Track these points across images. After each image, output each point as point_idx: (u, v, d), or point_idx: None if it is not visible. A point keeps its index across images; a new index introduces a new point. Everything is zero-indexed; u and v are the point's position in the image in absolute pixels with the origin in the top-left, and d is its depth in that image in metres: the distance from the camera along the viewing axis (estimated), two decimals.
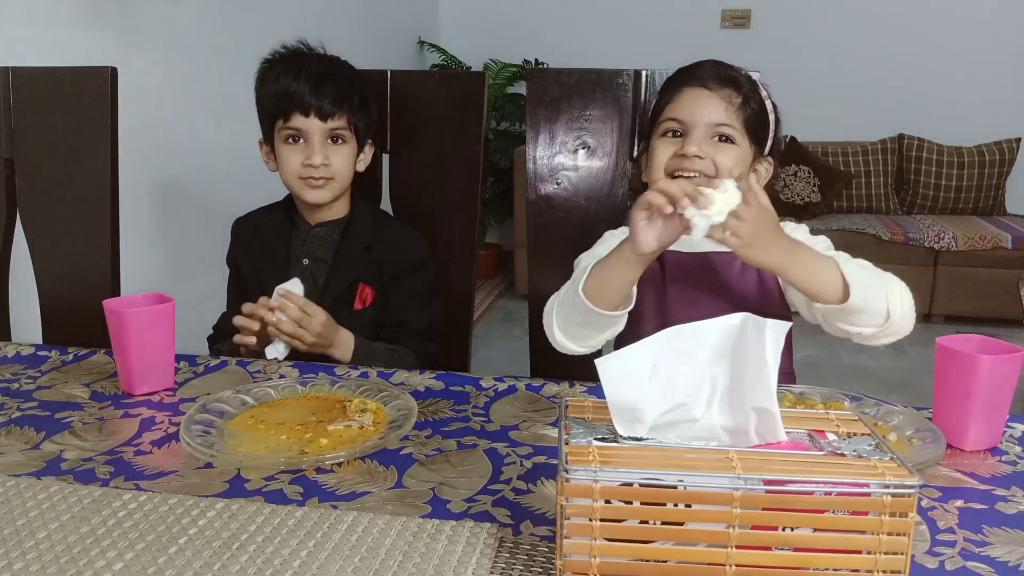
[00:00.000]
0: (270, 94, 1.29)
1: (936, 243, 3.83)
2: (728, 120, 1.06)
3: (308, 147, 1.27)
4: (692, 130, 1.07)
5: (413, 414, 0.87)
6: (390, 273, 1.32)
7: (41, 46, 1.81)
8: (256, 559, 0.62)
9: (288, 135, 1.28)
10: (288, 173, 1.29)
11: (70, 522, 0.67)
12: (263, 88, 1.30)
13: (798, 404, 0.91)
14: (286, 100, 1.26)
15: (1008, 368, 0.83)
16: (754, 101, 1.08)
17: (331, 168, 1.28)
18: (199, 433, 0.83)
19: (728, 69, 1.10)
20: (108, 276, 1.37)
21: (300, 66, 1.28)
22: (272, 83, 1.28)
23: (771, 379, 0.58)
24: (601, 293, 0.96)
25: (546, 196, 1.37)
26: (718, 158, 1.05)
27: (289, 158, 1.28)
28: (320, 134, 1.27)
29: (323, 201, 1.31)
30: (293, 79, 1.26)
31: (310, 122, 1.26)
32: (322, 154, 1.27)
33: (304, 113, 1.26)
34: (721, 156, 1.06)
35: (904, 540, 0.52)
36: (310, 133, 1.27)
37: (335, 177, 1.29)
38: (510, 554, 0.64)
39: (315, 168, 1.26)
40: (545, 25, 4.61)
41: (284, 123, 1.27)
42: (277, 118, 1.28)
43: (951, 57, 4.27)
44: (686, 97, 1.09)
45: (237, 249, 1.39)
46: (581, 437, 0.59)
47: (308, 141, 1.27)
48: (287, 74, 1.27)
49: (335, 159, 1.28)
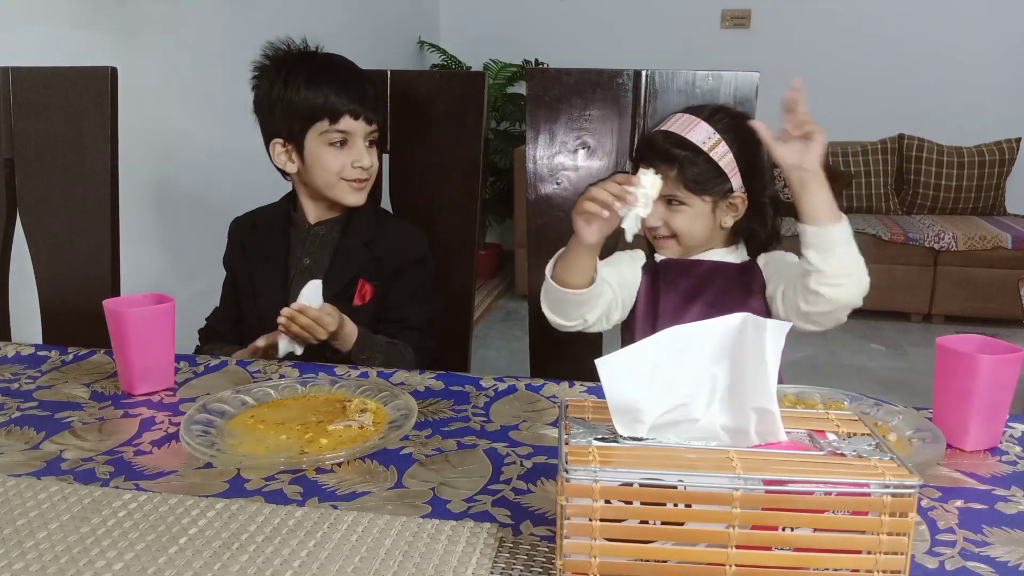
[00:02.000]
0: (306, 96, 1.26)
1: (936, 243, 3.83)
2: (669, 191, 1.14)
3: (354, 149, 1.28)
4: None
5: (413, 414, 0.87)
6: (390, 269, 1.32)
7: (41, 46, 1.81)
8: (256, 559, 0.62)
9: (334, 138, 1.28)
10: (331, 174, 1.28)
11: (70, 522, 0.67)
12: (292, 90, 1.27)
13: (798, 404, 0.91)
14: (335, 103, 1.26)
15: (1008, 368, 0.83)
16: (697, 163, 1.14)
17: (372, 169, 1.31)
18: (199, 433, 0.83)
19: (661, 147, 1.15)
20: (108, 276, 1.37)
21: (335, 68, 1.29)
22: (306, 87, 1.26)
23: (771, 379, 0.58)
24: (566, 277, 1.09)
25: (546, 196, 1.37)
26: (673, 222, 1.17)
27: (333, 160, 1.28)
28: (363, 136, 1.29)
29: (362, 203, 1.33)
30: (339, 84, 1.26)
31: (358, 125, 1.28)
32: (369, 156, 1.30)
33: (354, 116, 1.27)
34: (676, 220, 1.17)
35: (904, 540, 0.52)
36: (356, 136, 1.28)
37: (372, 178, 1.32)
38: (510, 554, 0.64)
39: (365, 170, 1.29)
40: (545, 25, 4.61)
41: (331, 125, 1.27)
42: (318, 120, 1.27)
43: (951, 57, 4.27)
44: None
45: (232, 249, 1.39)
46: (581, 437, 0.59)
47: (352, 144, 1.28)
48: (325, 78, 1.26)
49: (374, 161, 1.32)
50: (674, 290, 1.19)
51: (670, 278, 1.20)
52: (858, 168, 4.25)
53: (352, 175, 1.28)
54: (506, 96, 4.42)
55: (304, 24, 1.70)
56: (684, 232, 1.17)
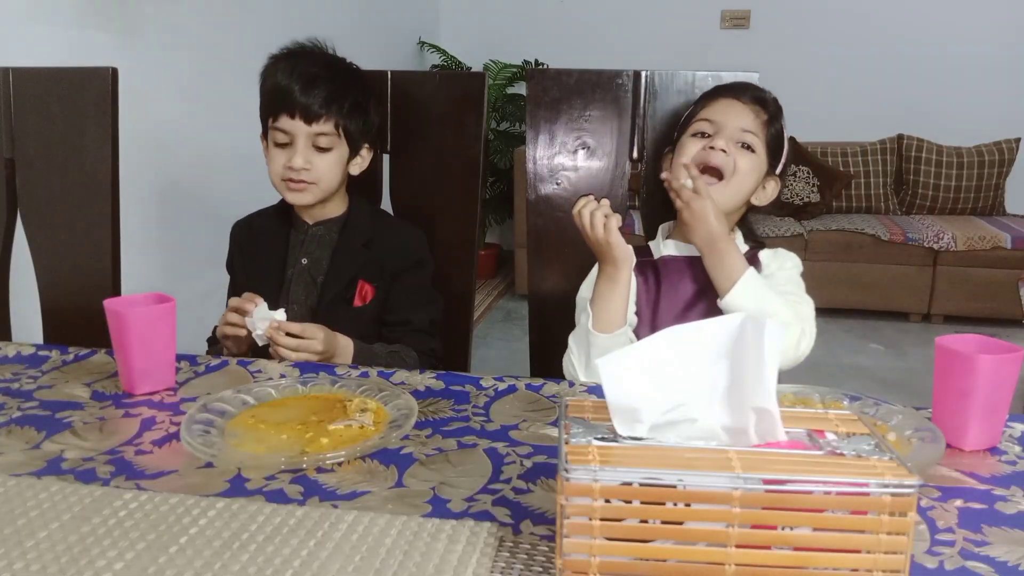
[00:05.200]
0: (265, 91, 1.27)
1: (935, 243, 3.83)
2: (754, 129, 1.17)
3: (291, 149, 1.25)
4: (722, 130, 1.18)
5: (413, 414, 0.87)
6: (390, 271, 1.31)
7: (41, 46, 1.81)
8: (256, 559, 0.62)
9: (278, 138, 1.26)
10: (272, 174, 1.28)
11: (70, 522, 0.67)
12: (262, 83, 1.29)
13: (797, 404, 0.91)
14: (275, 99, 1.24)
15: (1007, 368, 0.83)
16: (778, 123, 1.20)
17: (313, 172, 1.25)
18: (200, 433, 0.83)
19: (761, 92, 1.22)
20: (108, 276, 1.37)
21: (295, 65, 1.25)
22: (268, 79, 1.27)
23: (771, 379, 0.58)
24: (609, 319, 1.10)
25: (546, 196, 1.37)
26: (739, 161, 1.16)
27: (274, 159, 1.27)
28: (305, 137, 1.24)
29: (304, 203, 1.29)
30: (285, 77, 1.24)
31: (295, 124, 1.24)
32: (304, 157, 1.24)
33: (290, 114, 1.23)
34: (742, 160, 1.17)
35: (904, 540, 0.52)
36: (295, 135, 1.24)
37: (318, 182, 1.26)
38: (510, 554, 0.64)
39: (295, 171, 1.24)
40: (545, 25, 4.62)
41: (273, 122, 1.26)
42: (268, 117, 1.27)
43: (951, 57, 4.28)
44: (720, 104, 1.20)
45: (233, 252, 1.39)
46: (581, 437, 0.59)
47: (293, 143, 1.25)
48: (282, 72, 1.25)
49: (318, 163, 1.25)
50: (675, 292, 1.19)
51: (672, 279, 1.19)
52: (857, 168, 4.25)
53: (286, 175, 1.25)
54: (506, 96, 4.43)
55: (305, 25, 1.71)
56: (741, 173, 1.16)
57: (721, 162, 1.15)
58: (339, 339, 1.20)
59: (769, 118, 1.18)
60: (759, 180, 1.19)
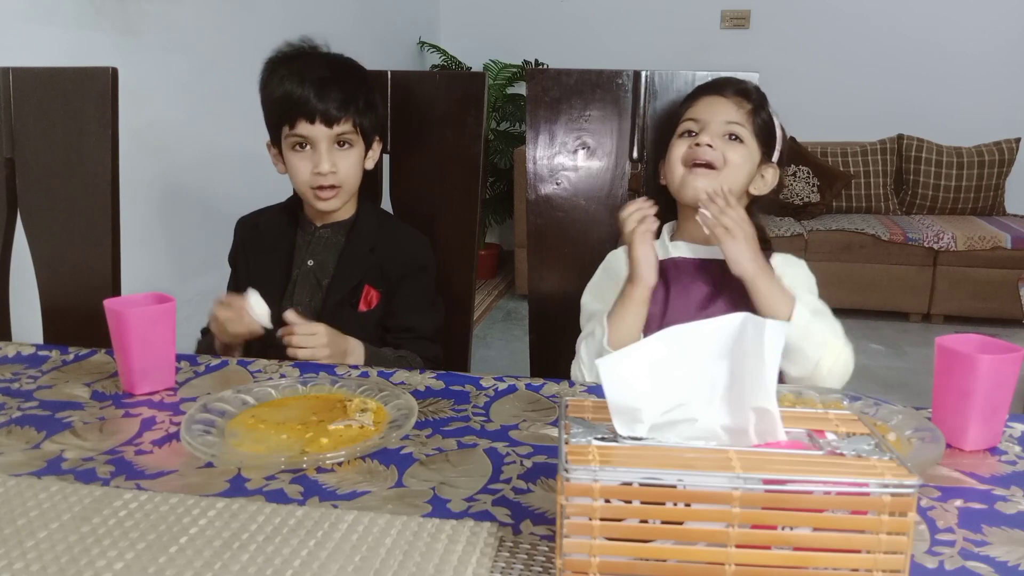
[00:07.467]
0: (275, 99, 1.26)
1: (935, 243, 3.83)
2: (739, 120, 1.17)
3: (315, 154, 1.25)
4: (707, 126, 1.18)
5: (413, 414, 0.87)
6: (395, 277, 1.31)
7: (41, 46, 1.81)
8: (256, 559, 0.62)
9: (295, 142, 1.26)
10: (300, 183, 1.28)
11: (70, 522, 0.67)
12: (267, 91, 1.28)
13: (797, 404, 0.91)
14: (291, 106, 1.24)
15: (1007, 368, 0.83)
16: (764, 112, 1.20)
17: (339, 175, 1.26)
18: (200, 433, 0.83)
19: (742, 83, 1.22)
20: (108, 276, 1.37)
21: (304, 70, 1.25)
22: (276, 87, 1.26)
23: (771, 379, 0.58)
24: (622, 336, 1.10)
25: (546, 196, 1.37)
26: (728, 153, 1.16)
27: (299, 167, 1.27)
28: (327, 140, 1.25)
29: (334, 209, 1.30)
30: (297, 84, 1.24)
31: (316, 129, 1.24)
32: (329, 161, 1.25)
33: (309, 120, 1.24)
34: (731, 152, 1.16)
35: (903, 540, 0.52)
36: (316, 140, 1.25)
37: (343, 184, 1.28)
38: (510, 554, 0.64)
39: (323, 176, 1.25)
40: (545, 25, 4.62)
41: (290, 130, 1.25)
42: (283, 124, 1.26)
43: (951, 57, 4.28)
44: (703, 102, 1.21)
45: (237, 247, 1.39)
46: (581, 437, 0.59)
47: (315, 148, 1.25)
48: (291, 78, 1.24)
49: (342, 165, 1.27)
50: (686, 295, 1.17)
51: (683, 281, 1.17)
52: (857, 168, 4.25)
53: (315, 182, 1.26)
54: (506, 96, 4.43)
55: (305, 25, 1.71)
56: (732, 164, 1.16)
57: (709, 157, 1.15)
58: (348, 340, 1.21)
59: (753, 107, 1.18)
60: (753, 170, 1.19)
